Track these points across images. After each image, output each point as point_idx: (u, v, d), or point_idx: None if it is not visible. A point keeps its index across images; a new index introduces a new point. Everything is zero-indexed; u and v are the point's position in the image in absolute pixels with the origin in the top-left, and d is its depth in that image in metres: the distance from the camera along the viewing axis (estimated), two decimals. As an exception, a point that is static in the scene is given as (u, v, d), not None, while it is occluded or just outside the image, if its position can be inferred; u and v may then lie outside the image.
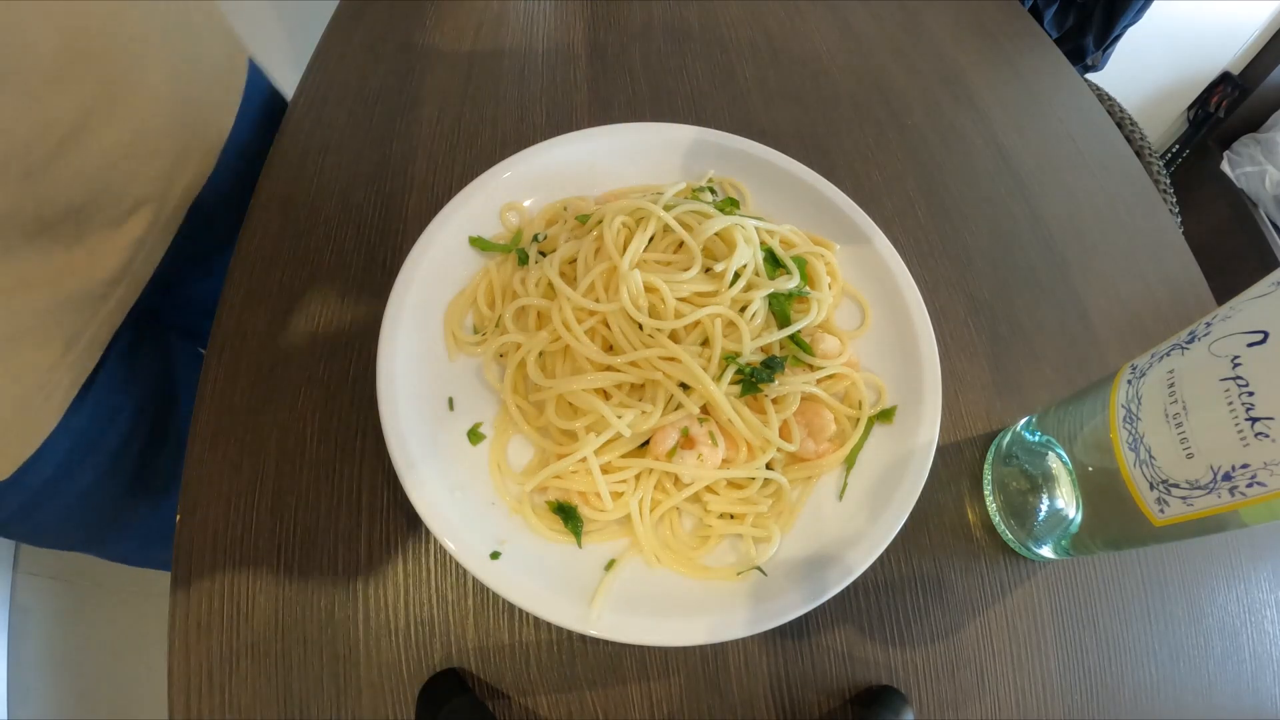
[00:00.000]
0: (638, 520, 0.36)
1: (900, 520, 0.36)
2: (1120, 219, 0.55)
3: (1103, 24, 1.11)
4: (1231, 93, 1.50)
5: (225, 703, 0.34)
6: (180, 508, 0.37)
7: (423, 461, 0.35)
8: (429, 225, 0.42)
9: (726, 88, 0.57)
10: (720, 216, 0.40)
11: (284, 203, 0.48)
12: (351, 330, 0.43)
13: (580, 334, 0.38)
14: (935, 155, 0.56)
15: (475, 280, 0.43)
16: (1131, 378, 0.31)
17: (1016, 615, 0.39)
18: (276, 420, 0.40)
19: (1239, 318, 0.26)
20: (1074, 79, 0.65)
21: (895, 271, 0.44)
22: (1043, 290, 0.50)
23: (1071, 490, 0.35)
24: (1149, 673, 0.38)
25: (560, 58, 0.58)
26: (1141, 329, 0.49)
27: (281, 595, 0.36)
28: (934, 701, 0.37)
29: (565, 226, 0.44)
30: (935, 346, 0.41)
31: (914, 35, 0.64)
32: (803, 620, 0.37)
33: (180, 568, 0.36)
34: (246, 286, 0.44)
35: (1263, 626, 0.40)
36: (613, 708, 0.35)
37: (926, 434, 0.38)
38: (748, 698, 0.36)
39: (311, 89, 0.54)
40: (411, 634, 0.35)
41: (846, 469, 0.39)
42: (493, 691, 0.35)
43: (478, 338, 0.41)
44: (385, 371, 0.37)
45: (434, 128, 0.52)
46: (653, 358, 0.37)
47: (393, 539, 0.37)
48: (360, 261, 0.45)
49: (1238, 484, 0.26)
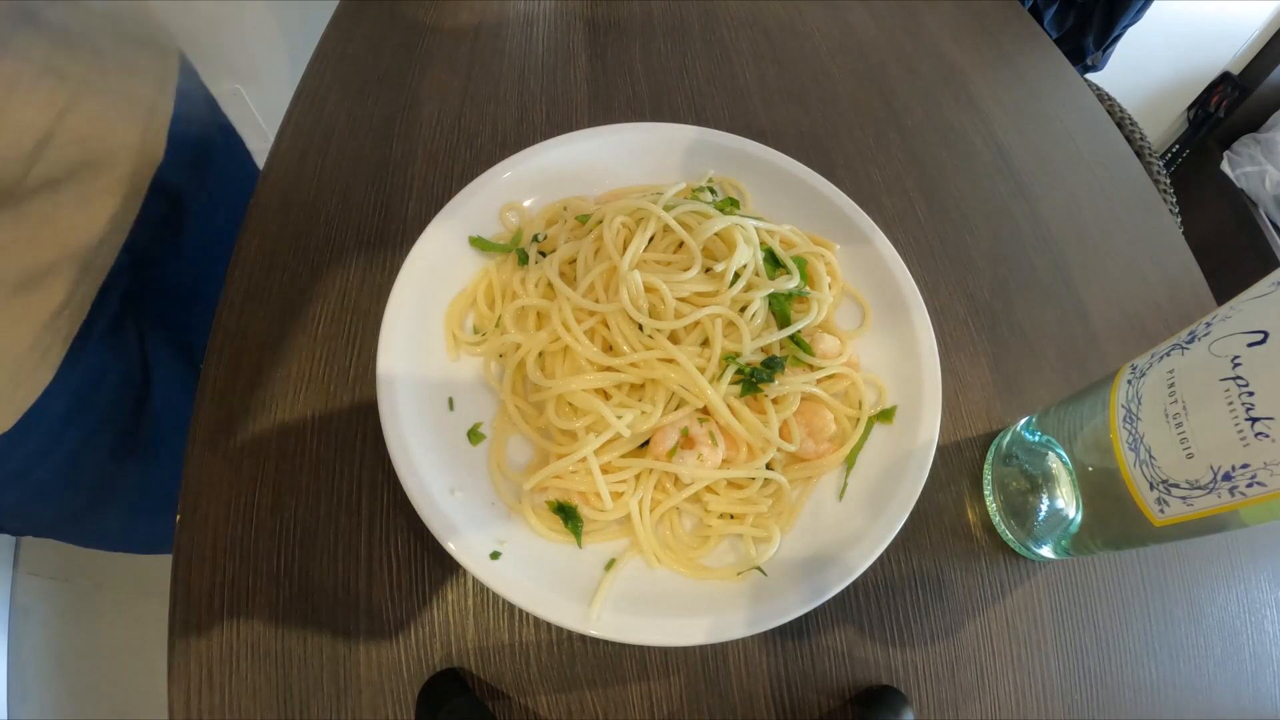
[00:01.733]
0: (638, 520, 0.36)
1: (900, 520, 0.36)
2: (1120, 219, 0.55)
3: (1103, 24, 1.11)
4: (1231, 93, 1.50)
5: (225, 703, 0.34)
6: (180, 508, 0.37)
7: (423, 462, 0.35)
8: (429, 225, 0.42)
9: (726, 88, 0.57)
10: (720, 216, 0.40)
11: (284, 203, 0.48)
12: (351, 330, 0.43)
13: (580, 334, 0.38)
14: (935, 155, 0.56)
15: (475, 280, 0.43)
16: (1131, 378, 0.31)
17: (1016, 615, 0.39)
18: (276, 420, 0.40)
19: (1239, 318, 0.26)
20: (1074, 79, 0.65)
21: (895, 271, 0.44)
22: (1043, 290, 0.50)
23: (1071, 490, 0.35)
24: (1149, 673, 0.38)
25: (560, 58, 0.58)
26: (1141, 329, 0.49)
27: (281, 595, 0.36)
28: (934, 701, 0.37)
29: (565, 227, 0.44)
30: (935, 346, 0.41)
31: (914, 35, 0.64)
32: (803, 620, 0.37)
33: (180, 568, 0.36)
34: (246, 286, 0.44)
35: (1263, 626, 0.40)
36: (613, 708, 0.35)
37: (926, 434, 0.38)
38: (748, 698, 0.36)
39: (311, 89, 0.54)
40: (411, 634, 0.35)
41: (846, 469, 0.39)
42: (493, 691, 0.35)
43: (478, 338, 0.41)
44: (385, 371, 0.37)
45: (434, 128, 0.52)
46: (652, 359, 0.37)
47: (393, 539, 0.37)
48: (360, 261, 0.45)
49: (1238, 484, 0.26)
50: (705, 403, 0.37)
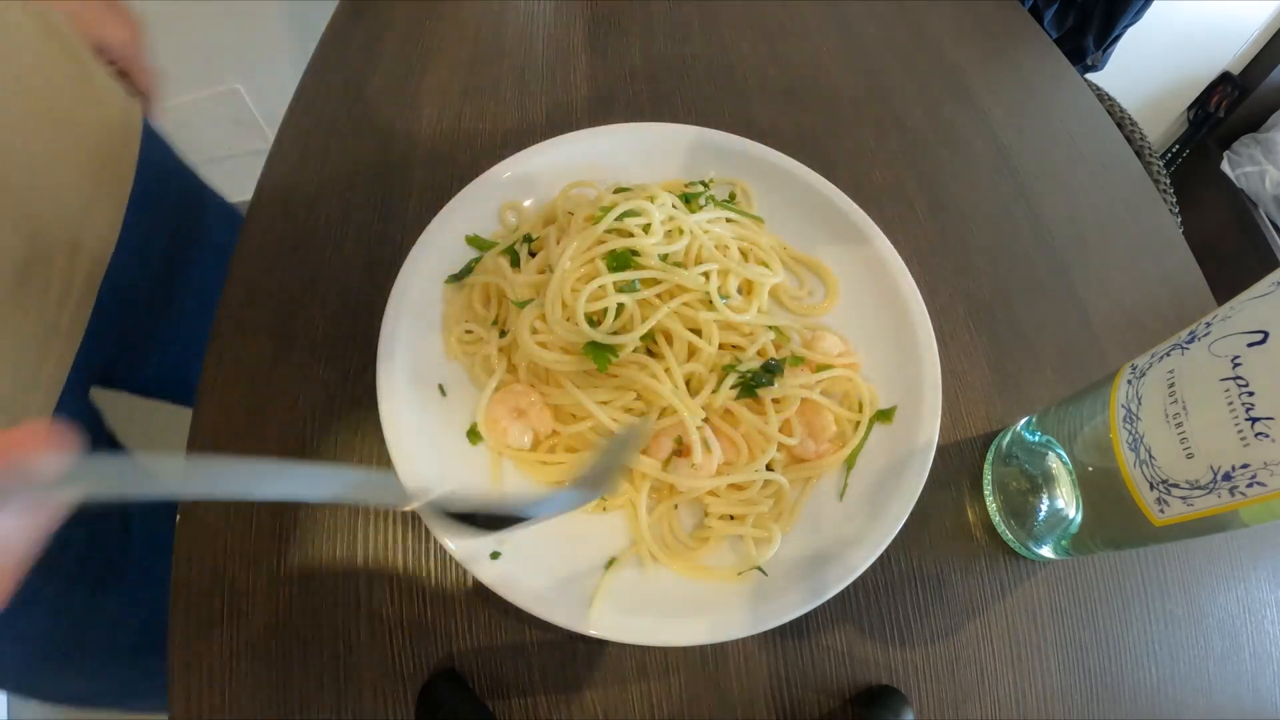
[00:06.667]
0: (638, 520, 0.36)
1: (900, 520, 0.36)
2: (1120, 219, 0.55)
3: (1103, 24, 1.11)
4: (1231, 93, 1.50)
5: (225, 703, 0.34)
6: (180, 508, 0.37)
7: (422, 461, 0.35)
8: (429, 225, 0.42)
9: (726, 88, 0.57)
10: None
11: (284, 203, 0.48)
12: (351, 330, 0.43)
13: (551, 356, 0.37)
14: (935, 155, 0.56)
15: (472, 280, 0.43)
16: (1131, 378, 0.31)
17: (1016, 615, 0.39)
18: (276, 420, 0.40)
19: (1239, 318, 0.26)
20: (1074, 79, 0.65)
21: (895, 271, 0.44)
22: (1043, 290, 0.50)
23: (1071, 490, 0.35)
24: (1149, 673, 0.38)
25: (560, 58, 0.58)
26: (1141, 329, 0.49)
27: (281, 595, 0.36)
28: (934, 701, 0.37)
29: (557, 228, 0.43)
30: (935, 346, 0.41)
31: (914, 35, 0.64)
32: (803, 620, 0.37)
33: (180, 568, 0.36)
34: (246, 286, 0.44)
35: (1263, 626, 0.40)
36: (613, 708, 0.35)
37: (926, 434, 0.38)
38: (748, 698, 0.36)
39: (311, 89, 0.54)
40: (411, 634, 0.35)
41: (846, 469, 0.39)
42: (493, 691, 0.35)
43: (473, 338, 0.41)
44: (385, 371, 0.37)
45: (434, 128, 0.52)
46: (633, 371, 0.37)
47: (393, 539, 0.37)
48: (360, 261, 0.45)
49: (1238, 484, 0.26)
50: (682, 414, 0.36)
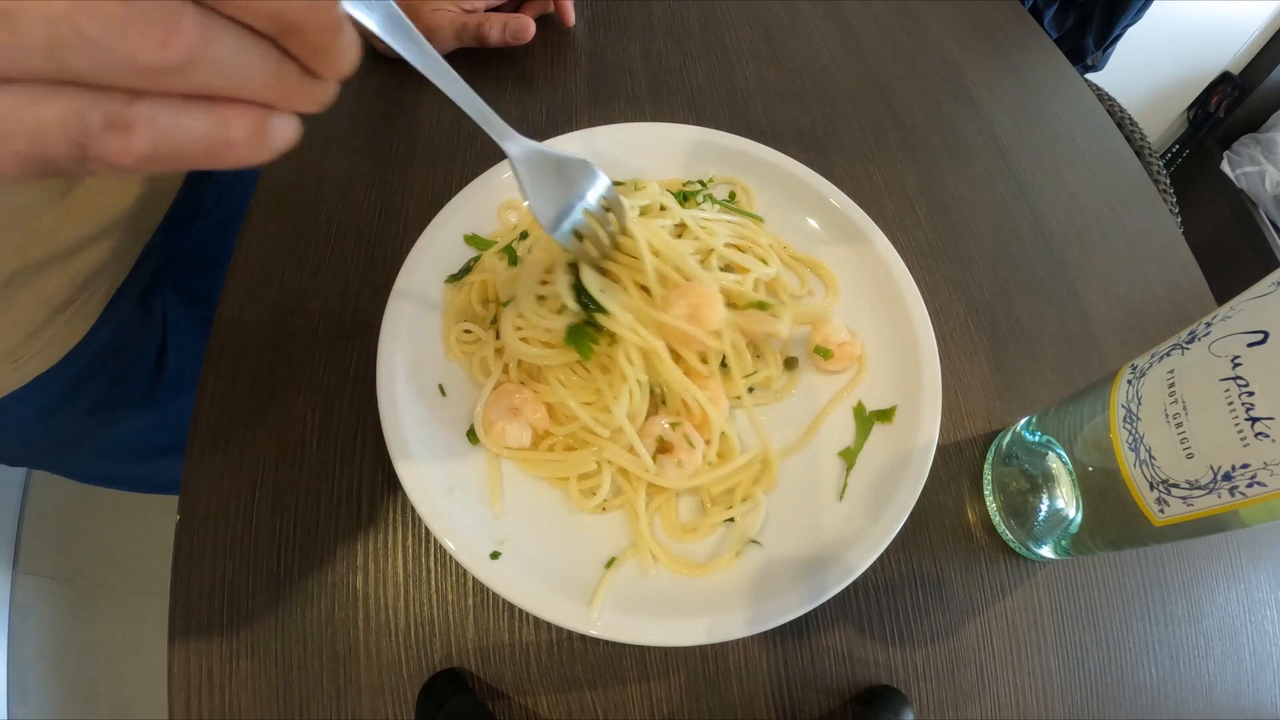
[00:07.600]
0: (638, 517, 0.36)
1: (900, 520, 0.36)
2: (1120, 219, 0.55)
3: (1103, 24, 1.11)
4: (1231, 93, 1.50)
5: (225, 703, 0.34)
6: (180, 508, 0.37)
7: (422, 461, 0.35)
8: (429, 225, 0.42)
9: (726, 88, 0.57)
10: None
11: (284, 203, 0.48)
12: (351, 330, 0.43)
13: (534, 350, 0.37)
14: (935, 155, 0.56)
15: (471, 279, 0.42)
16: (1131, 378, 0.31)
17: (1016, 615, 0.39)
18: (276, 420, 0.40)
19: (1239, 318, 0.26)
20: (1074, 79, 0.65)
21: (895, 271, 0.44)
22: (1043, 290, 0.50)
23: (1071, 490, 0.35)
24: (1149, 673, 0.38)
25: (560, 58, 0.58)
26: (1141, 329, 0.49)
27: (281, 595, 0.36)
28: (934, 701, 0.37)
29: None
30: (935, 346, 0.41)
31: (914, 35, 0.64)
32: (803, 620, 0.37)
33: (180, 568, 0.36)
34: (246, 286, 0.44)
35: (1263, 626, 0.40)
36: (613, 708, 0.35)
37: (926, 434, 0.38)
38: (748, 698, 0.36)
39: (311, 89, 0.54)
40: (411, 634, 0.35)
41: (847, 469, 0.39)
42: (493, 691, 0.35)
43: (472, 338, 0.41)
44: (385, 371, 0.37)
45: (434, 128, 0.52)
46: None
47: (393, 539, 0.37)
48: (360, 261, 0.45)
49: (1238, 484, 0.26)
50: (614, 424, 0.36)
